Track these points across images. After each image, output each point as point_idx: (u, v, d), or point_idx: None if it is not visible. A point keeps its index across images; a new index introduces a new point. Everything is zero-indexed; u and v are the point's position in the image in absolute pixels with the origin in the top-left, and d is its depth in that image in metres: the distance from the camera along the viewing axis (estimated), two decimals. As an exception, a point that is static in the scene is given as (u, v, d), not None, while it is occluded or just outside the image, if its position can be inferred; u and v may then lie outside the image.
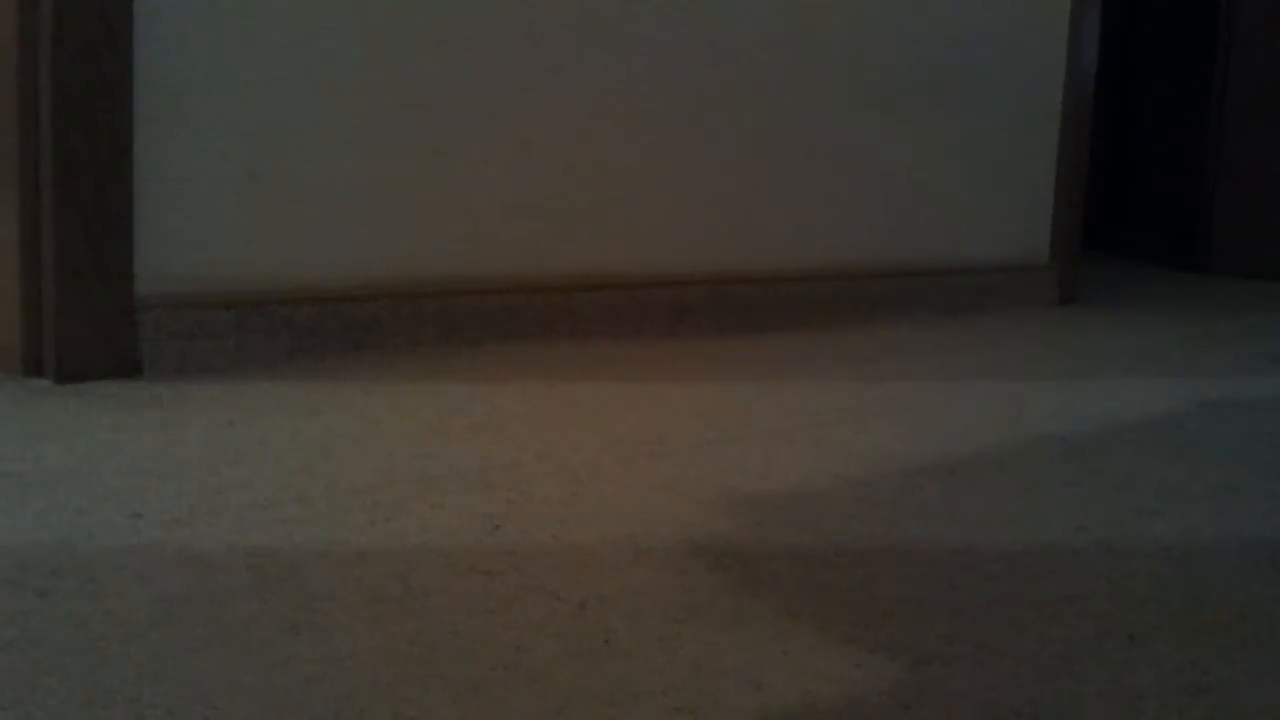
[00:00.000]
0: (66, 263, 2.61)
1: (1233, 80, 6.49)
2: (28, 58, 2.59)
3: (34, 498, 1.85)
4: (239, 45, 2.85)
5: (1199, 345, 4.12)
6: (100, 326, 2.66)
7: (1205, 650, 1.50)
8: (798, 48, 4.11)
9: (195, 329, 2.81)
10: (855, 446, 2.41)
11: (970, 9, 4.72)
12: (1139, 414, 2.88)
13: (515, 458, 2.22)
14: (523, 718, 1.25)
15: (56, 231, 2.59)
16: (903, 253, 4.49)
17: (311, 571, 1.60)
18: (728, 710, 1.28)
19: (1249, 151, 6.42)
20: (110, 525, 1.74)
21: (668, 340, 3.70)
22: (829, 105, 4.24)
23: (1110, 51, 6.05)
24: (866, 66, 4.35)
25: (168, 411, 2.45)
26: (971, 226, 4.76)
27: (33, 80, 2.60)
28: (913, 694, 1.34)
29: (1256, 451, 2.57)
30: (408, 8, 3.13)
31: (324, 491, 1.94)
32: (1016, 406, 2.76)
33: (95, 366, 2.66)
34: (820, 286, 4.21)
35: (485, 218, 3.39)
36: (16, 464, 2.02)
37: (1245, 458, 2.50)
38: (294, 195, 3.00)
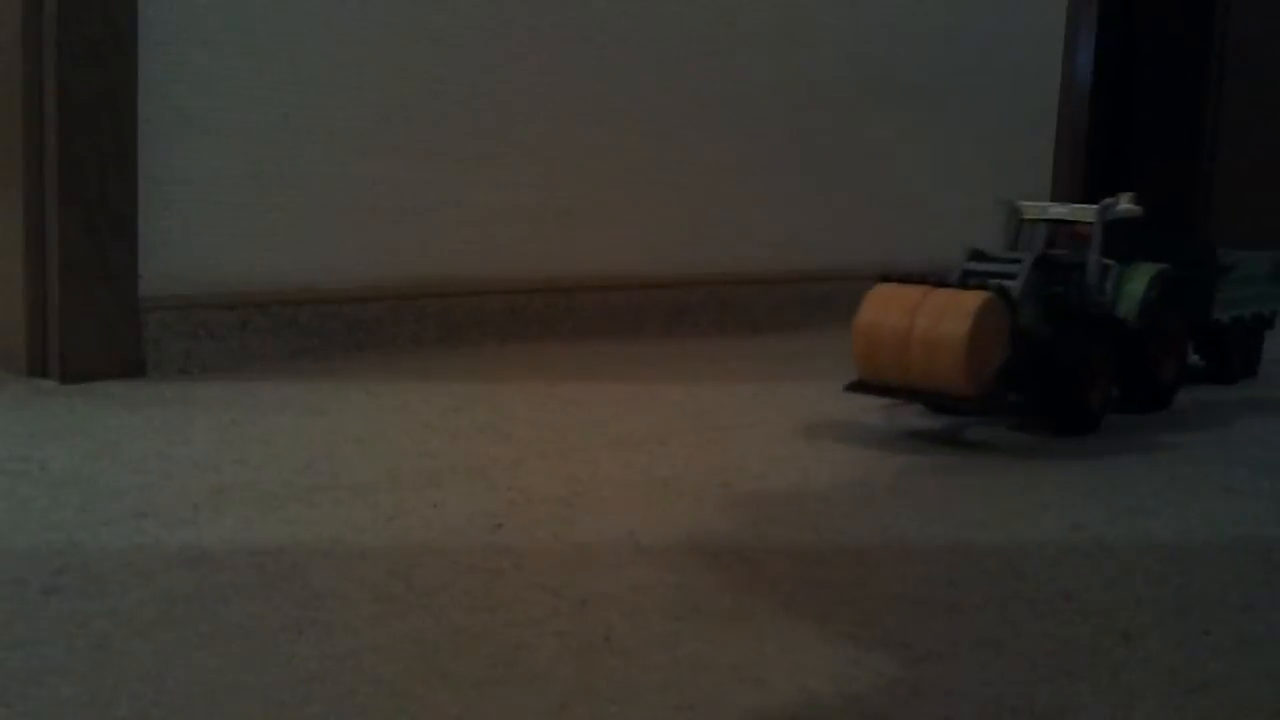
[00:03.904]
0: (71, 264, 2.62)
1: (1228, 83, 6.50)
2: (32, 60, 2.60)
3: (39, 497, 1.86)
4: (242, 47, 2.86)
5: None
6: (104, 327, 2.68)
7: (1200, 649, 1.51)
8: (796, 54, 4.13)
9: (199, 329, 2.82)
10: (853, 446, 2.42)
11: (967, 14, 4.73)
12: (1134, 413, 2.89)
13: (516, 457, 2.23)
14: (524, 714, 1.26)
15: (61, 233, 2.60)
16: (901, 253, 4.50)
17: (314, 570, 1.61)
18: (727, 707, 1.30)
19: (1244, 153, 6.43)
20: (115, 524, 1.75)
21: (667, 340, 3.71)
22: (828, 109, 4.25)
23: (1107, 54, 6.06)
24: (865, 73, 4.36)
25: (171, 411, 2.46)
26: (969, 227, 4.76)
27: (37, 82, 2.61)
28: (910, 690, 1.36)
29: (1252, 451, 2.58)
30: (408, 11, 3.15)
31: (327, 490, 1.95)
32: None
33: (100, 367, 2.67)
34: (818, 287, 4.22)
35: (486, 219, 3.40)
36: (22, 463, 2.04)
37: (1240, 457, 2.52)
38: (297, 197, 3.02)
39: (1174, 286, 2.81)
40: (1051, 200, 3.67)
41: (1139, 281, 2.75)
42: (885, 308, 2.43)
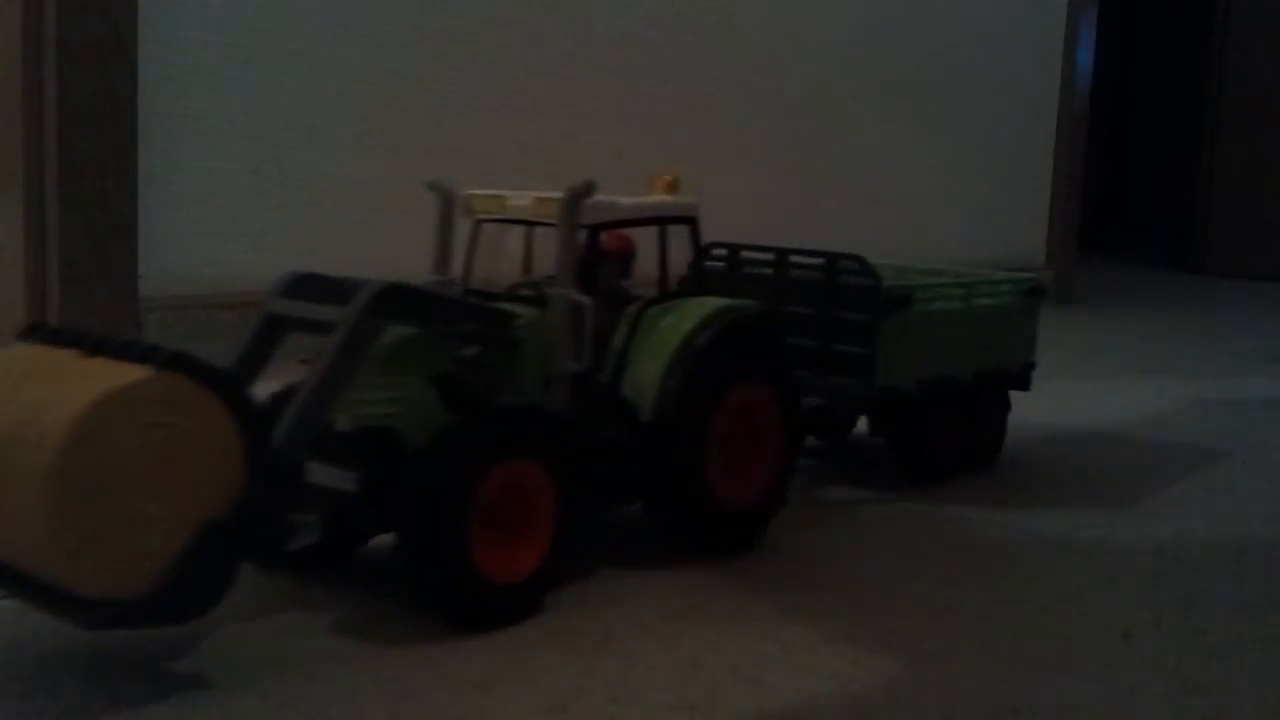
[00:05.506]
0: (71, 264, 2.62)
1: (1228, 84, 6.50)
2: (31, 60, 2.60)
3: (39, 497, 1.86)
4: (242, 47, 2.86)
5: (1194, 345, 4.13)
6: (104, 327, 2.67)
7: (1199, 649, 1.51)
8: (800, 57, 4.13)
9: (199, 330, 2.81)
10: (852, 444, 2.43)
11: (967, 14, 4.73)
12: (1135, 413, 2.90)
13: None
14: (524, 714, 1.26)
15: (61, 233, 2.60)
16: (902, 253, 4.50)
17: (314, 569, 1.61)
18: (727, 707, 1.30)
19: (1244, 154, 6.43)
20: (115, 524, 1.75)
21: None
22: (832, 110, 4.25)
23: (1108, 56, 6.07)
24: (868, 75, 4.36)
25: (171, 411, 2.45)
26: (969, 228, 4.77)
27: (37, 82, 2.61)
28: (910, 691, 1.36)
29: (1251, 451, 2.58)
30: (408, 12, 3.15)
31: (327, 491, 1.95)
32: (1013, 405, 2.77)
33: (99, 367, 2.67)
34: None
35: (486, 218, 3.40)
36: (21, 464, 2.03)
37: (1239, 457, 2.52)
38: (297, 197, 3.01)
39: (755, 337, 1.68)
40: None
41: (668, 334, 1.62)
42: None
